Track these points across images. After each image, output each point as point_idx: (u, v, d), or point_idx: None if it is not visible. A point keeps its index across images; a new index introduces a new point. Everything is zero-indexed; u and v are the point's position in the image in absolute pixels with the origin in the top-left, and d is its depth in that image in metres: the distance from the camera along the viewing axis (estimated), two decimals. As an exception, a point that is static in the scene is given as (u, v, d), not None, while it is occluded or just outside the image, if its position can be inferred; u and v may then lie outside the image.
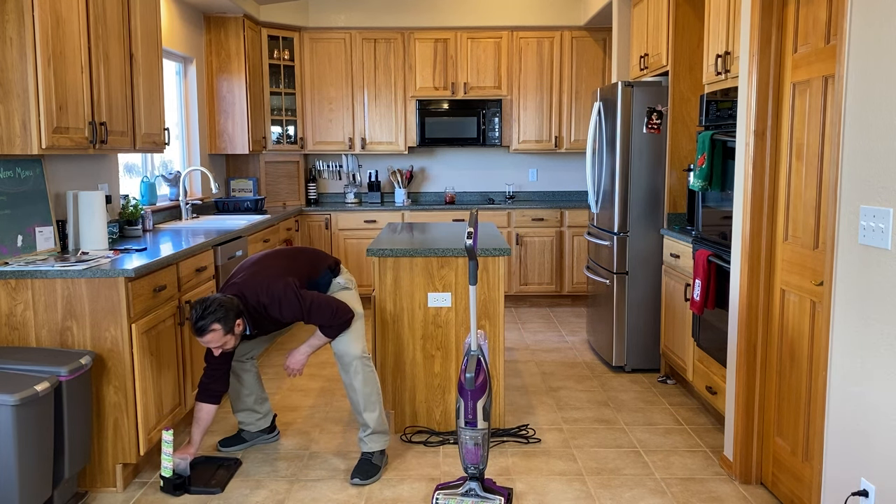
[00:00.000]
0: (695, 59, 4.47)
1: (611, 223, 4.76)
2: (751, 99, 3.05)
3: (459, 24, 6.72)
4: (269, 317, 3.14)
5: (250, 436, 3.58)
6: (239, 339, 3.12)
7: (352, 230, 6.64)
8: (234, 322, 3.00)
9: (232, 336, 3.03)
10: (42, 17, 2.99)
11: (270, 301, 3.09)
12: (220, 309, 2.95)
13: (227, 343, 3.04)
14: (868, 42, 2.19)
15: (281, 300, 3.08)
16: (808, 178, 2.76)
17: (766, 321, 3.09)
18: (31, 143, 3.01)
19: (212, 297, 2.99)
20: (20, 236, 3.29)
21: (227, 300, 3.00)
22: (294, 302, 3.09)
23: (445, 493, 2.97)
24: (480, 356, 2.95)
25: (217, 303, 2.96)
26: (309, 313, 3.12)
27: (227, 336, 3.00)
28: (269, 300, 3.09)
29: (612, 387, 4.47)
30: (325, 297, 3.17)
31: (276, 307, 3.10)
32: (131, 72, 3.83)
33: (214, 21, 6.03)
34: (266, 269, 3.19)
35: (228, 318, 2.97)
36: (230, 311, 2.98)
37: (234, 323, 3.00)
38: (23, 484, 2.54)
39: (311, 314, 3.12)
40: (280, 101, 6.74)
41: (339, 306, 3.16)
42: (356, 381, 3.23)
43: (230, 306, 2.99)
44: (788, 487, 2.93)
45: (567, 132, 6.88)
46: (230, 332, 3.00)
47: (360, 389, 3.24)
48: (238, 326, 3.04)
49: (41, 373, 2.69)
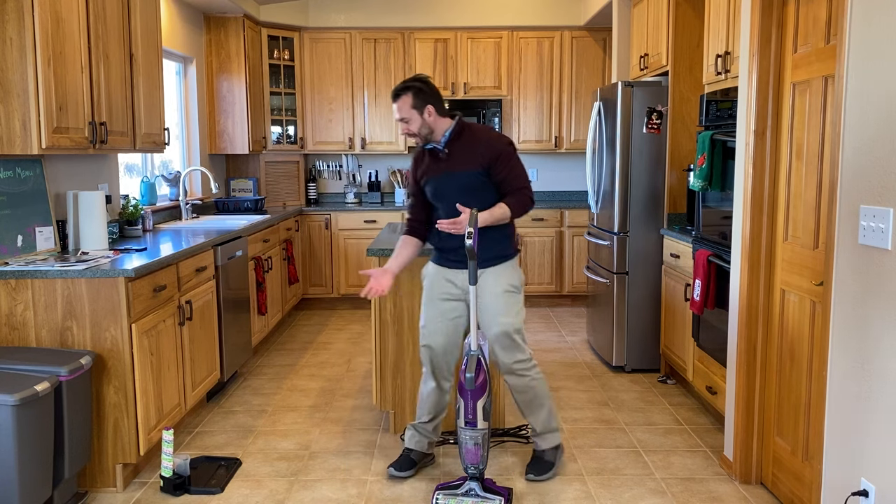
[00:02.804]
0: (695, 59, 4.47)
1: (611, 223, 4.76)
2: (751, 99, 3.05)
3: (459, 24, 6.73)
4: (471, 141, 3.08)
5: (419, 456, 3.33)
6: (426, 128, 3.08)
7: (352, 230, 6.64)
8: (425, 105, 3.04)
9: (418, 116, 3.05)
10: (42, 17, 2.99)
11: (487, 129, 3.12)
12: (422, 85, 3.06)
13: (412, 122, 3.06)
14: (868, 42, 2.19)
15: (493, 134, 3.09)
16: (808, 178, 2.76)
17: (766, 321, 3.09)
18: (31, 143, 3.01)
19: (428, 78, 3.12)
20: (20, 236, 3.29)
21: (436, 90, 3.10)
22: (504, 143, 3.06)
23: (445, 493, 2.97)
24: (480, 356, 2.95)
25: (423, 81, 3.07)
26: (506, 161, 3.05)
27: (412, 111, 3.05)
28: (486, 129, 3.12)
29: (612, 387, 4.47)
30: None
31: (486, 134, 3.08)
32: (131, 72, 3.83)
33: (214, 21, 6.03)
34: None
35: (421, 95, 3.04)
36: (428, 94, 3.06)
37: (424, 104, 3.04)
38: (23, 484, 2.54)
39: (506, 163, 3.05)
40: (280, 101, 6.74)
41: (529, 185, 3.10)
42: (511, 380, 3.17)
43: (430, 92, 3.07)
44: (788, 487, 2.93)
45: (567, 132, 6.88)
46: (416, 110, 3.04)
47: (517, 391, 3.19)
48: (428, 114, 3.05)
49: (41, 373, 2.69)
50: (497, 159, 3.05)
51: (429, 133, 3.08)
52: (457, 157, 3.09)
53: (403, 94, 3.05)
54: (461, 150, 3.09)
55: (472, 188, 3.08)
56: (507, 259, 3.14)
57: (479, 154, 3.05)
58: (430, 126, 3.07)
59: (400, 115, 3.07)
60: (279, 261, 5.74)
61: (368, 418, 3.96)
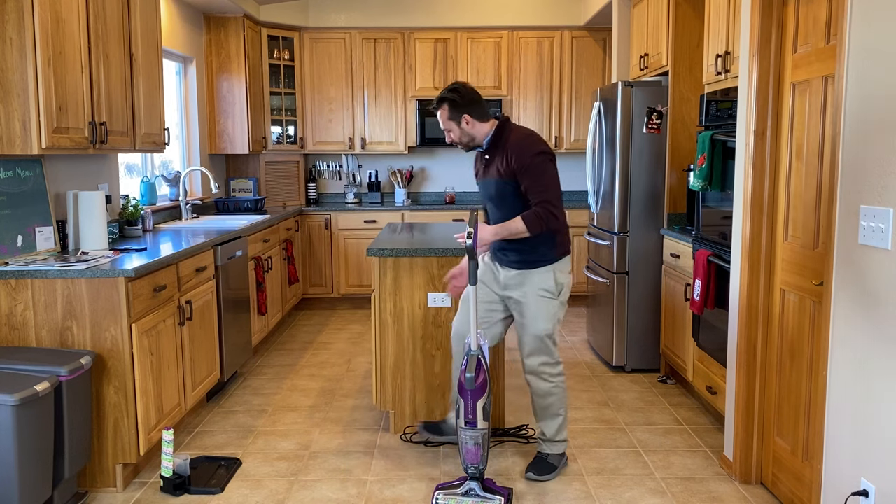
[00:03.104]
0: (695, 59, 4.46)
1: (611, 223, 4.76)
2: (751, 99, 3.05)
3: (459, 24, 6.72)
4: (504, 148, 3.09)
5: (449, 429, 3.48)
6: (466, 136, 3.16)
7: (352, 230, 6.64)
8: (461, 115, 3.12)
9: (456, 126, 3.14)
10: (42, 17, 2.99)
11: (522, 136, 3.10)
12: (455, 96, 3.12)
13: (452, 130, 3.17)
14: (868, 42, 2.19)
15: (526, 142, 3.07)
16: (808, 178, 2.76)
17: (766, 321, 3.09)
18: (31, 143, 3.01)
19: (468, 86, 3.17)
20: (20, 236, 3.29)
21: (473, 97, 3.14)
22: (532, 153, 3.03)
23: (445, 493, 2.97)
24: (480, 356, 2.95)
25: (461, 92, 3.13)
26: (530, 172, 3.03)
27: (450, 122, 3.15)
28: (522, 136, 3.10)
29: (612, 387, 4.47)
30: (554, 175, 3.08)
31: (518, 142, 3.07)
32: (131, 72, 3.83)
33: (214, 21, 6.03)
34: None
35: (456, 107, 3.12)
36: (462, 104, 3.12)
37: (460, 115, 3.12)
38: (23, 484, 2.54)
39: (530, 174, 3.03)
40: (280, 101, 6.74)
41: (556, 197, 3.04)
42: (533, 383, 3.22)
43: (465, 101, 3.12)
44: (788, 487, 2.93)
45: (567, 132, 6.88)
46: (454, 121, 3.14)
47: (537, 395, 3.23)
48: (466, 122, 3.13)
49: (41, 373, 2.69)
50: (522, 170, 3.06)
51: (470, 140, 3.18)
52: (493, 164, 3.16)
53: (440, 107, 3.16)
54: (497, 156, 3.14)
55: (503, 195, 3.14)
56: (545, 263, 3.15)
57: (508, 162, 3.09)
58: (469, 134, 3.16)
59: (442, 125, 3.20)
60: (279, 261, 5.74)
61: (368, 418, 3.96)
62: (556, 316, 3.17)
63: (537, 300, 3.14)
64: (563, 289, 3.18)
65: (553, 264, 3.16)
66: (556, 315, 3.17)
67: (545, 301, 3.15)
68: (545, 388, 3.21)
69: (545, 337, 3.16)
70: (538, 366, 3.20)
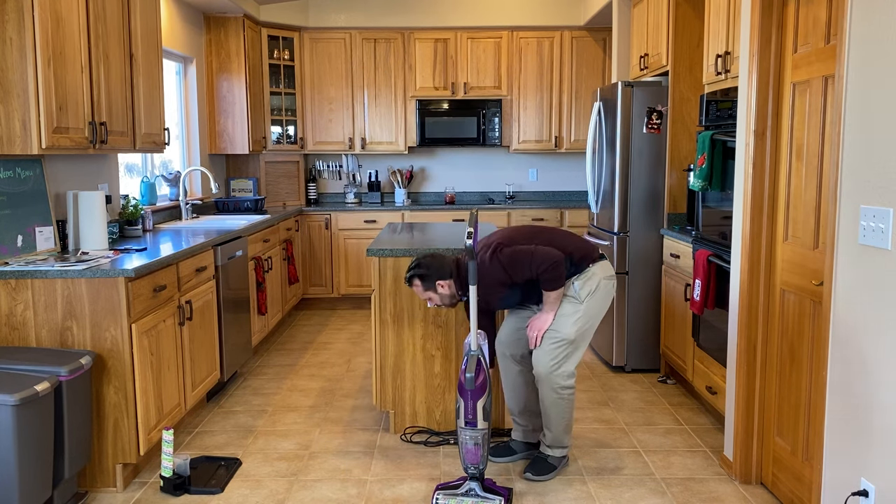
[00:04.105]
0: (695, 59, 4.46)
1: (611, 223, 4.76)
2: (751, 99, 3.05)
3: (459, 24, 6.72)
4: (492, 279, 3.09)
5: (518, 446, 3.46)
6: (447, 298, 3.17)
7: (352, 230, 6.64)
8: (434, 284, 3.13)
9: (435, 294, 3.16)
10: (42, 17, 2.99)
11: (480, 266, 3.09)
12: (423, 271, 3.12)
13: (432, 299, 3.18)
14: (868, 42, 2.19)
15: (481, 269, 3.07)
16: (808, 178, 2.76)
17: (766, 321, 3.09)
18: (31, 143, 3.01)
19: (429, 255, 3.18)
20: (20, 236, 3.29)
21: (438, 262, 3.14)
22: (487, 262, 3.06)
23: (445, 493, 2.97)
24: (480, 356, 2.95)
25: (427, 263, 3.14)
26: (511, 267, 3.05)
27: (428, 293, 3.16)
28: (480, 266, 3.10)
29: (612, 387, 4.47)
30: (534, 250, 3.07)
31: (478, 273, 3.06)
32: (131, 72, 3.83)
33: (214, 21, 6.03)
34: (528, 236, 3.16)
35: (427, 279, 3.13)
36: (432, 276, 3.12)
37: (433, 284, 3.13)
38: (23, 484, 2.54)
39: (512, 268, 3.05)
40: (280, 101, 6.74)
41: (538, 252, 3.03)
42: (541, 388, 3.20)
43: (433, 272, 3.12)
44: (788, 487, 2.93)
45: (567, 132, 6.88)
46: (431, 290, 3.15)
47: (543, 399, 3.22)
48: (441, 287, 3.13)
49: (41, 373, 2.69)
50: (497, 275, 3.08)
51: (452, 297, 3.19)
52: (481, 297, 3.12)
53: (413, 284, 3.16)
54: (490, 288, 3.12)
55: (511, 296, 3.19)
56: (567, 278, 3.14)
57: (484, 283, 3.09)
58: (448, 294, 3.17)
59: (421, 297, 3.21)
60: (279, 261, 5.74)
61: (368, 418, 3.96)
62: (576, 322, 3.11)
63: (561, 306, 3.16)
64: (585, 294, 3.13)
65: (580, 273, 3.15)
66: (577, 322, 3.11)
67: (566, 302, 3.14)
68: (551, 398, 3.17)
69: (561, 340, 3.12)
70: (547, 373, 3.14)
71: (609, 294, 3.20)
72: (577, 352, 3.17)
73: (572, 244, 3.16)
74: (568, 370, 3.16)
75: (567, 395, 3.19)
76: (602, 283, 3.15)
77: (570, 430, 3.27)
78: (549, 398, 3.18)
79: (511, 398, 3.41)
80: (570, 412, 3.23)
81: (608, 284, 3.18)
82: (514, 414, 3.43)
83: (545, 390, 3.18)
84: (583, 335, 3.16)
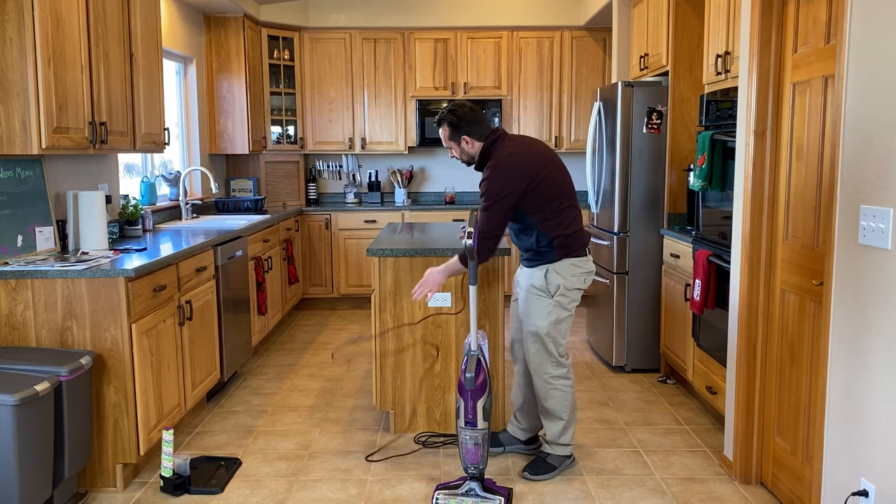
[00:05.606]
0: (695, 59, 4.47)
1: (611, 223, 4.76)
2: (751, 99, 3.05)
3: (459, 24, 6.72)
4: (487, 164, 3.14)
5: (506, 438, 3.51)
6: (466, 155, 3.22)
7: (352, 230, 6.64)
8: (460, 136, 3.17)
9: (456, 145, 3.21)
10: (42, 17, 2.99)
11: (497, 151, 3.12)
12: (453, 118, 3.16)
13: (453, 149, 3.24)
14: (868, 42, 2.19)
15: (493, 159, 3.10)
16: (808, 178, 2.76)
17: (766, 321, 3.09)
18: (31, 143, 3.01)
19: (468, 108, 3.18)
20: (20, 236, 3.29)
21: (473, 117, 3.16)
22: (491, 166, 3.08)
23: (445, 493, 2.97)
24: (480, 356, 2.95)
25: (458, 113, 3.16)
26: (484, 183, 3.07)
27: (450, 142, 3.22)
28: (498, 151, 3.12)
29: (612, 387, 4.47)
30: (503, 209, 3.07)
31: (492, 158, 3.12)
32: (131, 72, 3.83)
33: (214, 21, 6.03)
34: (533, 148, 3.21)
35: (455, 128, 3.17)
36: (460, 126, 3.16)
37: (459, 135, 3.17)
38: (23, 484, 2.54)
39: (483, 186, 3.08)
40: (280, 101, 6.74)
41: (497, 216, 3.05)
42: (535, 381, 3.25)
43: (462, 123, 3.15)
44: (788, 487, 2.93)
45: (567, 132, 6.88)
46: (454, 141, 3.20)
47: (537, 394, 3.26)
48: (465, 142, 3.18)
49: (41, 373, 2.69)
50: (482, 184, 3.11)
51: (470, 158, 3.24)
52: (482, 182, 3.16)
53: (440, 127, 3.22)
54: (483, 173, 3.17)
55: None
56: (541, 263, 3.19)
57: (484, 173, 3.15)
58: (469, 153, 3.21)
59: (444, 143, 3.26)
60: (279, 261, 5.74)
61: (368, 418, 3.96)
62: (551, 315, 3.16)
63: (528, 296, 3.22)
64: (558, 289, 3.16)
65: (550, 264, 3.17)
66: (552, 314, 3.16)
67: (536, 298, 3.19)
68: (545, 389, 3.23)
69: (541, 335, 3.17)
70: (536, 365, 3.22)
71: (582, 285, 3.24)
72: (558, 338, 3.20)
73: (574, 226, 3.27)
74: (556, 358, 3.20)
75: (561, 386, 3.21)
76: (573, 280, 3.20)
77: (569, 430, 3.27)
78: (542, 388, 3.23)
79: (515, 392, 3.49)
80: (566, 406, 3.24)
81: (580, 281, 3.23)
82: (514, 409, 3.50)
83: (538, 381, 3.24)
84: (558, 326, 3.19)
